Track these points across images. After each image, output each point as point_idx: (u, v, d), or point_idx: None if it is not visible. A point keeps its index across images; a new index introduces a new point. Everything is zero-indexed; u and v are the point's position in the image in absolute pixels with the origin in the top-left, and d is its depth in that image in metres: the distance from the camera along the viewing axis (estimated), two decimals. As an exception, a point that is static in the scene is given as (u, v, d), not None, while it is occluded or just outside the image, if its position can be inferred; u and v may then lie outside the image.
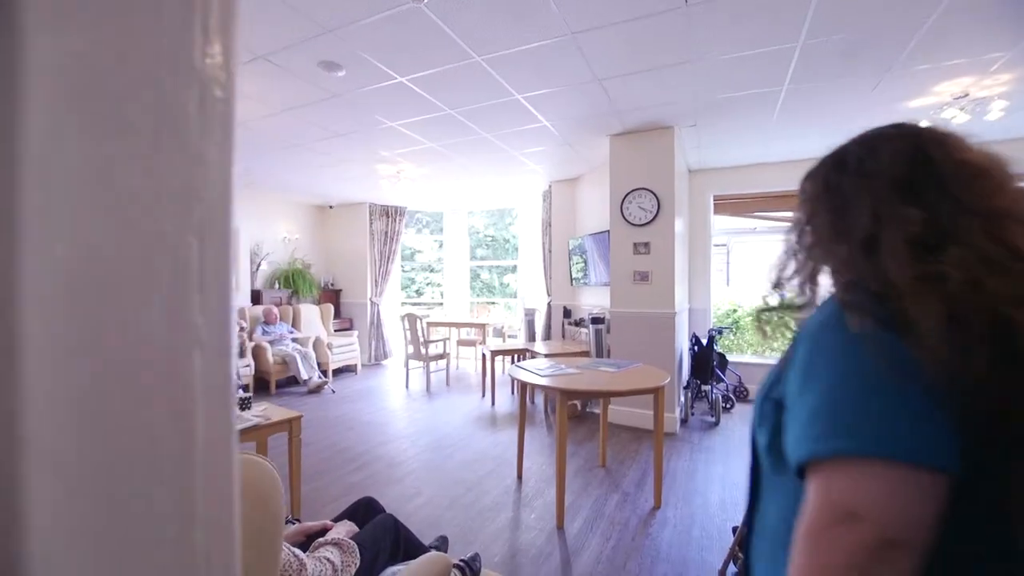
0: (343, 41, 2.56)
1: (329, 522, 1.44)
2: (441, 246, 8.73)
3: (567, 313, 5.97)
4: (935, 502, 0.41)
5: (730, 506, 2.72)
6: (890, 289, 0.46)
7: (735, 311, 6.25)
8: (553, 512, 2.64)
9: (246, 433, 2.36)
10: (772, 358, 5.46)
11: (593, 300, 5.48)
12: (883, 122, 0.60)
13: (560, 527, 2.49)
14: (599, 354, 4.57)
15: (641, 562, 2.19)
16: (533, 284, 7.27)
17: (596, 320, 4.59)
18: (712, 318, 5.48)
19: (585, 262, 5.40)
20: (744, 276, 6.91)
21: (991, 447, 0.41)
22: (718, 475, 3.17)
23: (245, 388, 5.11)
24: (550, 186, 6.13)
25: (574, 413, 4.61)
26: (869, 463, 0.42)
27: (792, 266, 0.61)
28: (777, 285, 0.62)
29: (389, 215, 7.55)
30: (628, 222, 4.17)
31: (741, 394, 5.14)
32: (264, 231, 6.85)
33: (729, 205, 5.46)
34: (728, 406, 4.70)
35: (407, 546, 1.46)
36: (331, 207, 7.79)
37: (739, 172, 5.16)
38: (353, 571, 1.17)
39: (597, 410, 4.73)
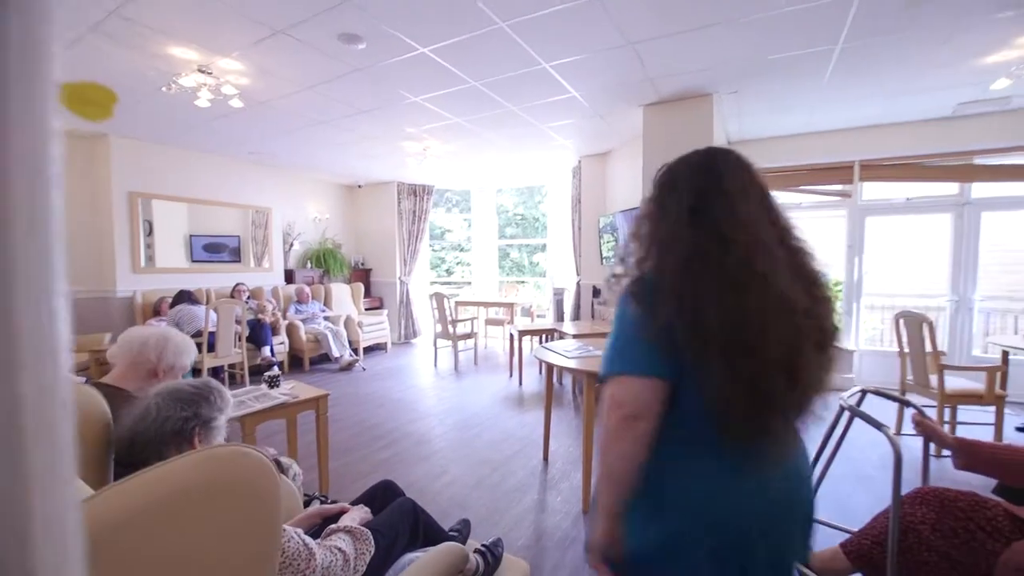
0: (362, 11, 2.46)
1: (347, 505, 1.42)
2: (470, 225, 8.67)
3: (596, 293, 5.83)
4: (656, 394, 0.78)
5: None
6: (662, 285, 0.78)
7: (775, 291, 5.94)
8: (579, 495, 2.58)
9: (274, 411, 2.39)
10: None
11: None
12: (951, 83, 0.55)
13: (587, 511, 2.44)
14: (629, 335, 4.43)
15: (670, 551, 2.11)
16: (562, 263, 7.13)
17: (626, 300, 4.45)
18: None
19: (616, 240, 5.22)
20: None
21: (687, 369, 0.77)
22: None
23: (280, 366, 5.27)
24: (580, 161, 5.92)
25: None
26: (623, 376, 0.79)
27: (632, 249, 0.88)
28: (622, 262, 0.89)
29: (417, 194, 7.51)
30: (661, 198, 3.97)
31: (779, 378, 4.91)
32: (295, 211, 6.95)
33: (772, 179, 5.14)
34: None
35: (427, 531, 1.43)
36: (360, 186, 7.81)
37: (784, 143, 4.82)
38: (367, 559, 1.14)
39: (626, 392, 4.62)
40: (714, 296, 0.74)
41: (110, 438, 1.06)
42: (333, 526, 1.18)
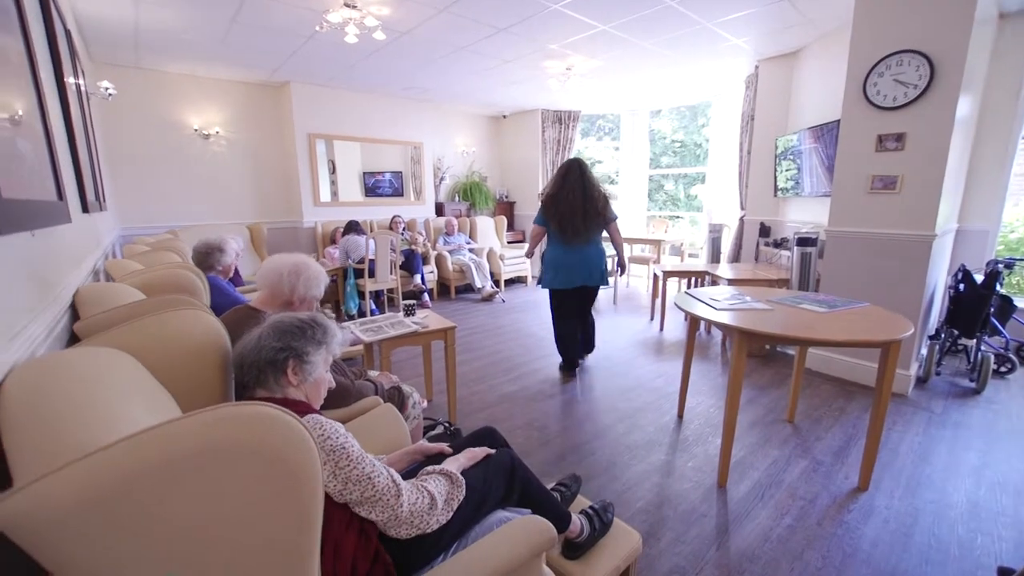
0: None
1: (447, 447, 1.39)
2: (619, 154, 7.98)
3: (764, 231, 4.93)
4: (541, 230, 3.39)
5: (986, 515, 1.93)
6: (548, 201, 3.29)
7: (1044, 234, 4.25)
8: (715, 465, 2.27)
9: (407, 338, 2.53)
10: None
11: (803, 216, 4.34)
12: None
13: (722, 485, 2.13)
14: (803, 286, 3.66)
15: (827, 555, 1.72)
16: (723, 196, 6.17)
17: (804, 241, 3.63)
18: (998, 244, 3.84)
19: (798, 168, 4.22)
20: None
21: (550, 222, 3.32)
22: (969, 464, 2.29)
23: (430, 293, 5.71)
24: (756, 68, 4.81)
25: (760, 351, 3.90)
26: (534, 225, 3.45)
27: (547, 187, 3.33)
28: (542, 194, 3.38)
29: (562, 121, 7.10)
30: (873, 104, 2.97)
31: (1032, 354, 3.62)
32: (444, 144, 7.18)
33: (1069, 68, 3.47)
34: (1004, 369, 3.36)
35: (524, 488, 1.33)
36: (504, 116, 7.68)
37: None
38: (455, 505, 1.09)
39: (791, 350, 3.91)
40: (555, 204, 3.23)
41: (228, 363, 1.14)
42: (431, 467, 1.16)
